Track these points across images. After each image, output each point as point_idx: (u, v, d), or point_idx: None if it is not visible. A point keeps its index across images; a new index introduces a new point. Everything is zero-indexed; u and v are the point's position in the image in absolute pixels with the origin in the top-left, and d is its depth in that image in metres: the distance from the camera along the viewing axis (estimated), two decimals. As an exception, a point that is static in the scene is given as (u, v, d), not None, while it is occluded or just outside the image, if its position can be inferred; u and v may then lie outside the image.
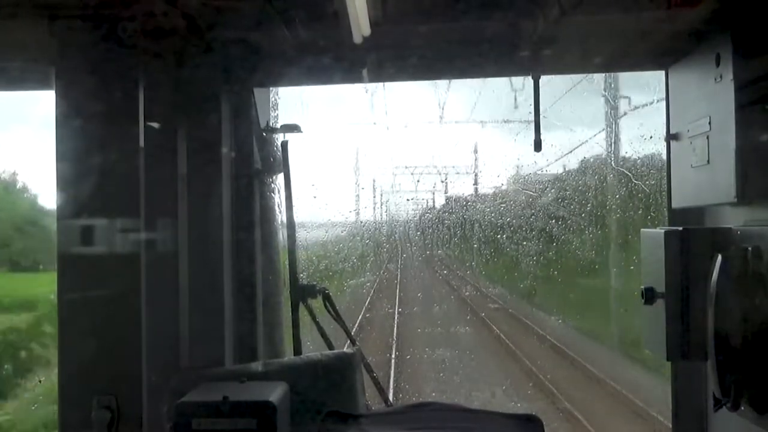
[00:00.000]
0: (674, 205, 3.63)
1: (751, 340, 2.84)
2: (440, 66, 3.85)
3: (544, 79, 3.74)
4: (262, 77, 3.82)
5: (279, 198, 3.97)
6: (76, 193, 3.14)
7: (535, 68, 3.66)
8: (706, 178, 3.17)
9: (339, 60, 3.59)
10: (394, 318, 21.14)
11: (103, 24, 3.04)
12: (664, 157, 3.70)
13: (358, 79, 3.93)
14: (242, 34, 3.40)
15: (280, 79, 3.97)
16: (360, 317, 19.23)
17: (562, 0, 2.99)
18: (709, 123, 3.11)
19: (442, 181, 25.60)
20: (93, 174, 3.11)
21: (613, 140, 14.31)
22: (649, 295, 3.25)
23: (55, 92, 3.14)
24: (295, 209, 3.92)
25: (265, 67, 3.75)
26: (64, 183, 3.15)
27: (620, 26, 3.34)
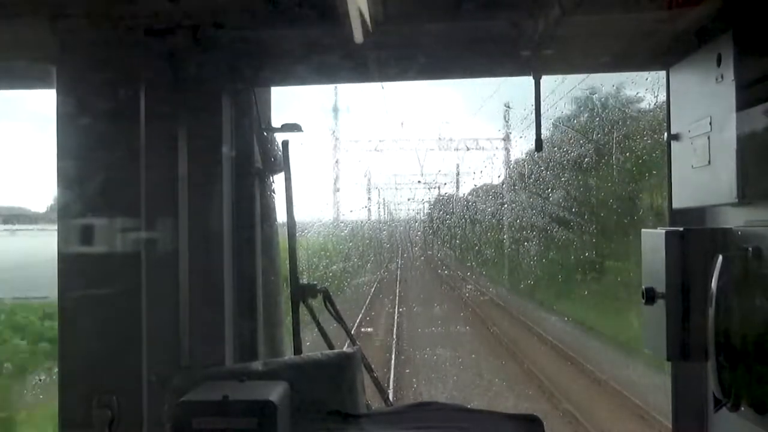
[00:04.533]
0: (675, 205, 3.62)
1: (752, 340, 2.84)
2: (442, 65, 3.85)
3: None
4: (264, 76, 3.82)
5: (279, 197, 3.96)
6: (77, 192, 3.13)
7: (536, 68, 3.66)
8: (707, 179, 3.17)
9: (341, 59, 3.59)
10: (394, 318, 21.15)
11: (105, 23, 3.04)
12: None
13: (359, 79, 3.92)
14: (243, 34, 3.39)
15: (281, 79, 3.96)
16: (360, 317, 19.24)
17: (564, 0, 2.99)
18: (710, 123, 3.10)
19: (442, 185, 25.63)
20: (94, 173, 3.11)
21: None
22: (649, 296, 3.25)
23: (57, 91, 3.14)
24: (295, 208, 3.92)
25: (267, 66, 3.74)
26: (64, 182, 3.15)
27: (621, 26, 3.34)
